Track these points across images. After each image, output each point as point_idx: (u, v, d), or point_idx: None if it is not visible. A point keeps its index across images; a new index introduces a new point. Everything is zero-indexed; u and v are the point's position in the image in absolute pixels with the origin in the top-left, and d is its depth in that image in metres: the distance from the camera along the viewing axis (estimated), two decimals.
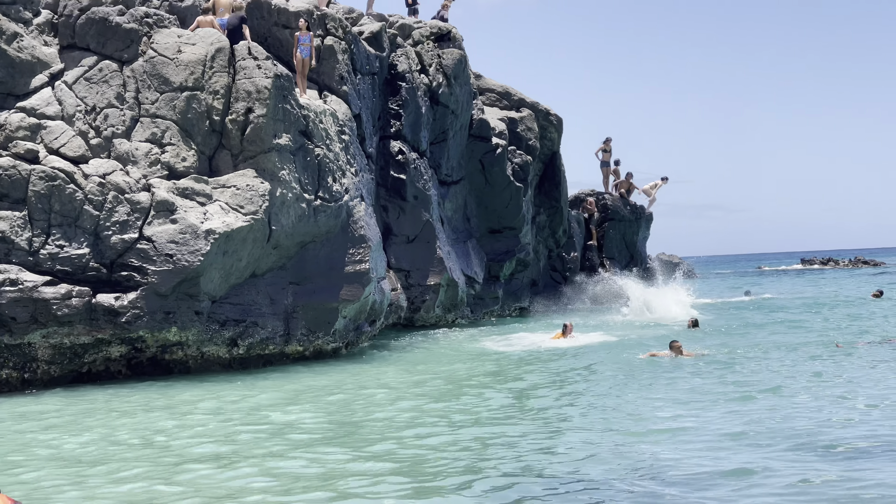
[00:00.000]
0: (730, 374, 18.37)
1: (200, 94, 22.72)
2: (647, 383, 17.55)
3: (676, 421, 13.72)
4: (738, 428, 12.98)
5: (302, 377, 20.46)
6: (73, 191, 21.03)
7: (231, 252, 21.79)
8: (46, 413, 16.80)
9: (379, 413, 15.30)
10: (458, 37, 32.10)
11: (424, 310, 28.21)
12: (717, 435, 12.58)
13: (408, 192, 28.30)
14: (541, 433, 13.32)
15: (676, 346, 21.23)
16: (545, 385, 18.13)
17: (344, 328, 24.25)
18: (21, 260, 20.61)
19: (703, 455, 11.47)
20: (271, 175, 22.66)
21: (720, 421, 13.59)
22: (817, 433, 12.43)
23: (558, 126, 36.89)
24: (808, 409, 14.33)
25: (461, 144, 31.85)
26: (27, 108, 21.96)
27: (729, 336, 25.84)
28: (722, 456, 11.39)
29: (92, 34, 23.01)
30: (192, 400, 17.67)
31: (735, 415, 14.03)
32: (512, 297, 34.10)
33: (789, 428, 12.84)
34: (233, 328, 22.30)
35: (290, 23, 26.19)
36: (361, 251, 24.46)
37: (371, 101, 28.04)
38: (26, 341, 20.46)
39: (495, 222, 32.93)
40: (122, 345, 21.22)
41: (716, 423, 13.39)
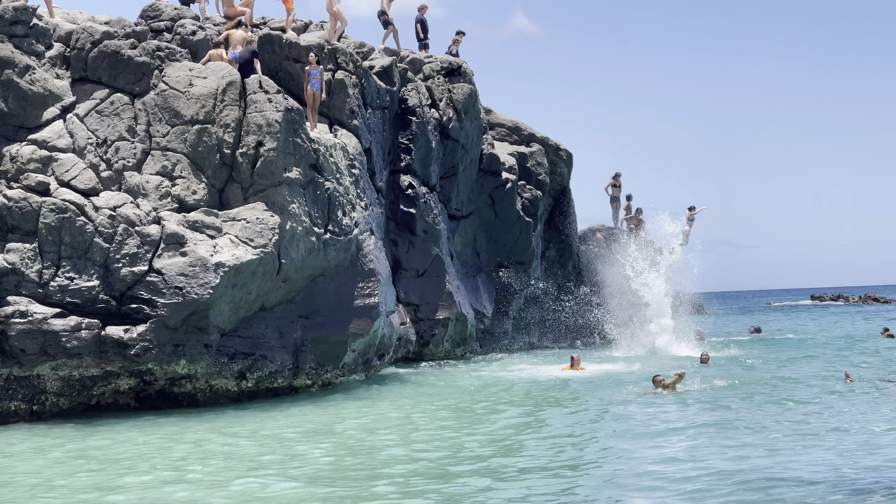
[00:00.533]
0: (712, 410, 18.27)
1: (211, 127, 22.78)
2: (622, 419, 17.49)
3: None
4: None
5: (311, 410, 20.38)
6: (83, 223, 21.06)
7: (240, 285, 21.78)
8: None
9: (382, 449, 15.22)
10: (469, 71, 32.18)
11: (433, 344, 28.15)
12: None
13: (417, 226, 28.30)
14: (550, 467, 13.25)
15: (659, 381, 21.08)
16: (536, 415, 18.06)
17: (353, 362, 24.20)
18: (31, 292, 20.61)
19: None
20: (281, 208, 22.68)
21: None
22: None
23: (568, 161, 36.91)
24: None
25: (471, 179, 31.87)
26: (39, 140, 22.03)
27: (731, 371, 25.70)
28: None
29: (104, 67, 23.11)
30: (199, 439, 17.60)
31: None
32: (521, 332, 34.02)
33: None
34: (242, 361, 22.26)
35: (302, 57, 26.28)
36: (371, 285, 24.44)
37: (381, 135, 28.10)
38: (35, 373, 20.43)
39: (505, 257, 32.90)
40: (130, 377, 21.18)
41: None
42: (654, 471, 12.78)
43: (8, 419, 20.14)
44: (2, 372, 20.25)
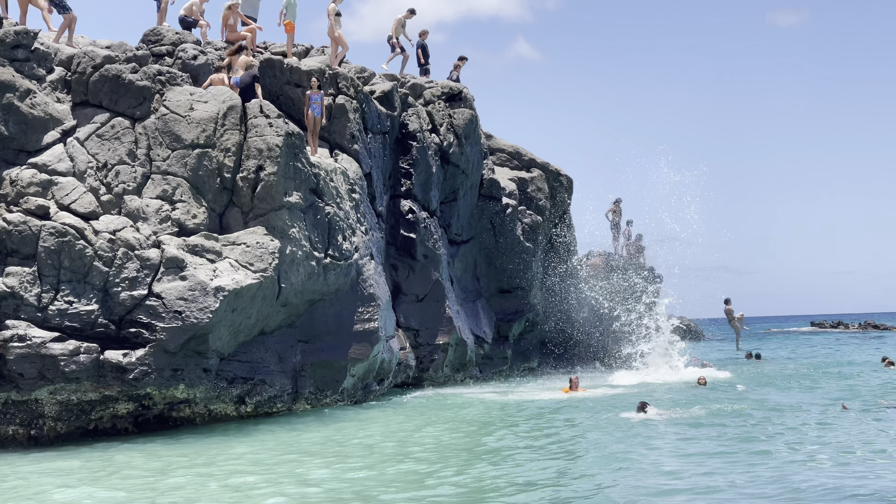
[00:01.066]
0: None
1: (212, 151, 22.78)
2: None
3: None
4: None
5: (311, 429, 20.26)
6: (83, 247, 21.01)
7: (240, 309, 21.72)
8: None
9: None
10: (470, 97, 32.20)
11: (433, 369, 28.06)
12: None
13: (417, 251, 28.26)
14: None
15: (641, 406, 21.00)
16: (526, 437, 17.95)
17: (352, 387, 24.13)
18: (29, 316, 20.54)
19: None
20: (281, 233, 22.66)
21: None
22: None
23: (568, 187, 36.88)
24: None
25: (471, 204, 31.85)
26: (39, 164, 22.01)
27: (727, 395, 25.60)
28: None
29: (105, 91, 23.12)
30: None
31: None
32: (521, 357, 33.92)
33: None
34: (241, 386, 22.19)
35: (302, 81, 26.31)
36: (370, 310, 24.39)
37: (382, 159, 28.09)
38: (33, 398, 20.34)
39: (505, 282, 32.84)
40: (129, 402, 21.09)
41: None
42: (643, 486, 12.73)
43: (6, 444, 20.04)
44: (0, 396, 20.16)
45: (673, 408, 21.84)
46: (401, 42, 32.58)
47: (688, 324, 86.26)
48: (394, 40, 32.55)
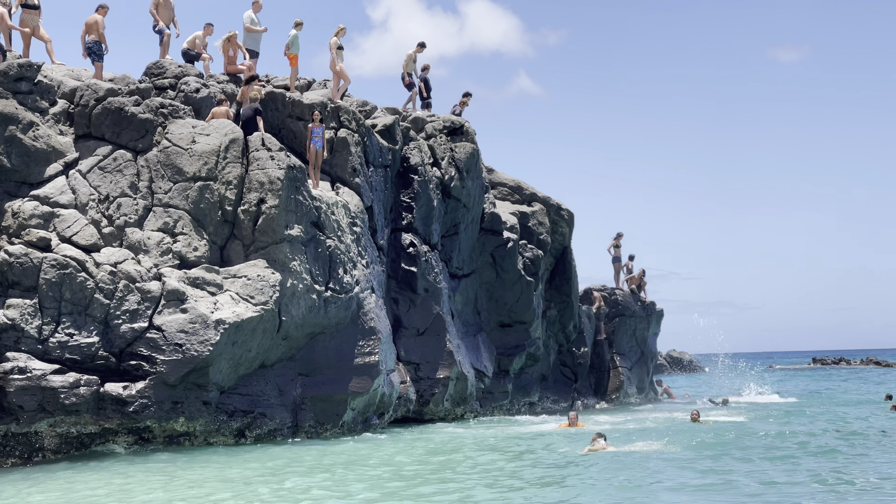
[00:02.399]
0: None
1: (213, 184, 22.82)
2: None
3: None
4: None
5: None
6: (84, 279, 21.03)
7: (241, 342, 21.71)
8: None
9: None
10: (471, 131, 32.27)
11: (433, 403, 27.98)
12: None
13: (418, 284, 28.25)
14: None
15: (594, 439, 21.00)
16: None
17: (352, 420, 24.07)
18: (30, 348, 20.53)
19: None
20: (282, 266, 22.68)
21: None
22: None
23: (570, 221, 36.90)
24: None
25: (472, 238, 31.86)
26: (41, 196, 22.05)
27: (719, 431, 25.47)
28: None
29: (107, 124, 23.20)
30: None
31: None
32: (521, 392, 33.82)
33: None
34: (241, 419, 22.14)
35: (304, 115, 26.39)
36: (371, 343, 24.37)
37: (383, 193, 28.13)
38: (33, 430, 20.29)
39: (506, 316, 32.78)
40: (128, 434, 21.04)
41: None
42: None
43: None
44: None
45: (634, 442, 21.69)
46: (411, 77, 32.70)
47: (690, 359, 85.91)
48: (408, 78, 32.67)
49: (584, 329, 37.68)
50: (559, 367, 36.93)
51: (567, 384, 36.86)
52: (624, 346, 40.12)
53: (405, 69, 32.70)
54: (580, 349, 37.30)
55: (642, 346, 41.14)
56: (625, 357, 39.88)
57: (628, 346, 40.38)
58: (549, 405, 35.42)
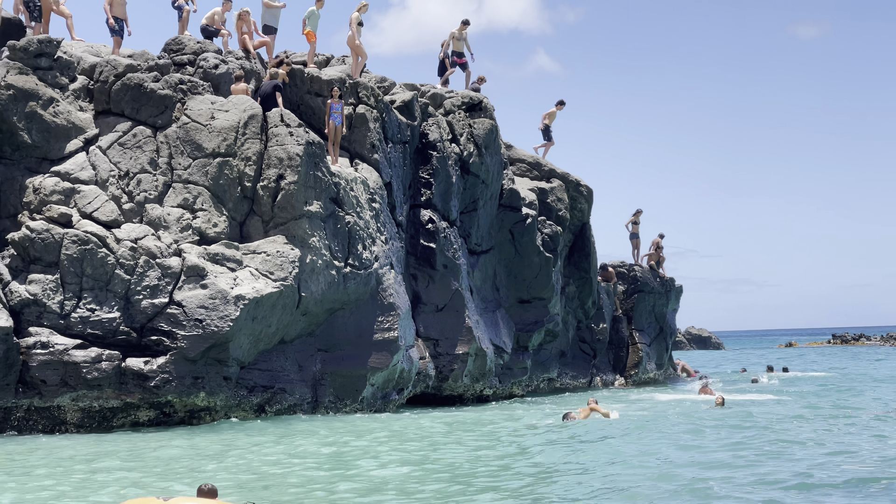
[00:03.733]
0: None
1: (233, 160, 22.87)
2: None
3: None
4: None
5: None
6: (104, 255, 21.13)
7: (260, 318, 21.79)
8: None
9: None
10: (490, 107, 32.18)
11: (452, 379, 28.01)
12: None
13: (437, 260, 28.24)
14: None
15: (571, 417, 20.82)
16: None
17: (372, 396, 24.15)
18: (52, 323, 20.67)
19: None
20: (301, 242, 22.72)
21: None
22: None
23: (588, 197, 36.80)
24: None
25: (491, 214, 31.82)
26: (61, 172, 22.14)
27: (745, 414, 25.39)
28: None
29: (127, 100, 23.24)
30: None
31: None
32: (540, 368, 33.82)
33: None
34: (261, 394, 22.25)
35: (323, 91, 26.37)
36: (390, 319, 24.42)
37: (402, 169, 28.11)
38: (56, 404, 20.46)
39: (524, 292, 32.75)
40: (150, 409, 21.18)
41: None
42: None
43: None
44: (22, 402, 20.29)
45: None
46: (458, 56, 32.81)
47: (709, 335, 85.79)
48: (453, 57, 32.81)
49: (602, 305, 37.65)
50: (578, 343, 36.93)
51: (586, 360, 36.87)
52: (643, 323, 40.04)
53: (448, 48, 32.83)
54: (599, 325, 37.28)
55: (661, 323, 41.06)
56: (643, 333, 39.81)
57: (647, 323, 40.30)
58: (567, 381, 35.45)
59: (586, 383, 36.14)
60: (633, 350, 39.25)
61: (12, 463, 16.24)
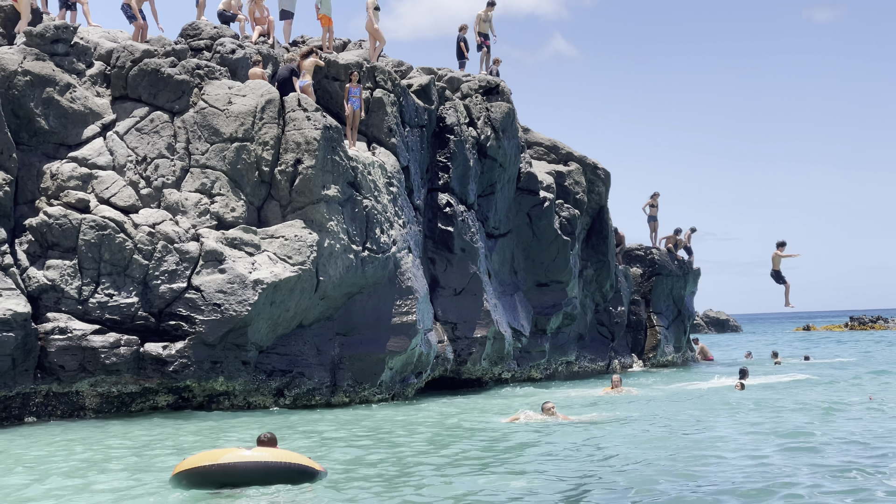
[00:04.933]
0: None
1: (250, 144, 22.84)
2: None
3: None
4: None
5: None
6: (122, 240, 21.14)
7: (279, 302, 21.78)
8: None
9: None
10: (507, 90, 32.10)
11: (471, 362, 28.00)
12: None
13: (455, 244, 28.21)
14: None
15: (548, 408, 20.02)
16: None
17: (390, 379, 24.14)
18: (70, 308, 20.71)
19: None
20: (319, 226, 22.69)
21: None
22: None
23: (606, 180, 36.70)
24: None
25: (509, 197, 31.75)
26: (79, 157, 22.16)
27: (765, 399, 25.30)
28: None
29: (144, 85, 23.23)
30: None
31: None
32: (558, 351, 33.78)
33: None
34: (279, 378, 22.26)
35: (340, 75, 26.31)
36: (409, 302, 24.39)
37: (419, 153, 28.06)
38: (74, 389, 20.52)
39: (542, 275, 32.70)
40: (168, 394, 21.22)
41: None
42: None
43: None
44: (41, 388, 20.34)
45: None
46: (482, 37, 33.02)
47: (727, 318, 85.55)
48: (479, 38, 33.06)
49: (620, 288, 37.59)
50: (596, 326, 36.88)
51: (604, 343, 36.82)
52: (661, 305, 39.98)
53: (477, 29, 32.99)
54: (617, 308, 37.23)
55: (679, 305, 40.98)
56: (661, 316, 39.75)
57: (665, 306, 40.23)
58: (585, 364, 35.41)
59: (604, 366, 36.07)
60: (651, 333, 39.21)
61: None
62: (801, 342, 66.18)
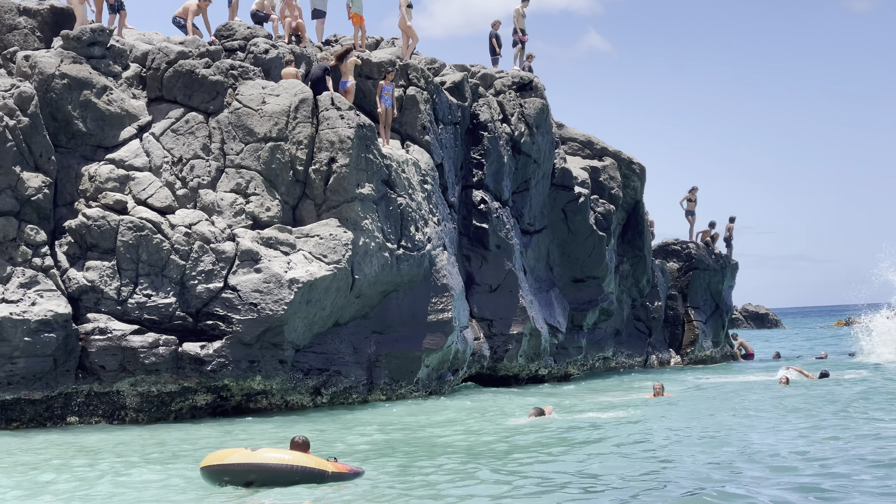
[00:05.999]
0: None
1: (284, 144, 22.96)
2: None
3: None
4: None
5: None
6: (160, 241, 21.32)
7: (314, 301, 21.90)
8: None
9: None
10: (540, 86, 32.08)
11: (507, 359, 28.03)
12: None
13: (490, 241, 28.24)
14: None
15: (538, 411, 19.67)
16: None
17: (427, 377, 24.22)
18: (110, 309, 20.92)
19: None
20: (354, 224, 22.78)
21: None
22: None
23: (641, 175, 36.62)
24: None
25: (543, 193, 31.75)
26: (116, 159, 22.35)
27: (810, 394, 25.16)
28: None
29: (179, 86, 23.40)
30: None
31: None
32: (595, 347, 33.77)
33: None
34: (316, 377, 22.38)
35: (373, 73, 26.40)
36: (444, 300, 24.45)
37: (453, 150, 28.10)
38: (115, 389, 20.73)
39: (578, 271, 32.68)
40: (207, 393, 21.38)
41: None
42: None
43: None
44: (82, 388, 20.57)
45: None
46: (518, 33, 33.20)
47: (766, 312, 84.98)
48: (516, 34, 33.24)
49: (657, 283, 37.50)
50: (633, 321, 36.83)
51: (641, 338, 36.76)
52: (698, 300, 39.83)
53: (516, 25, 33.16)
54: (654, 303, 37.15)
55: (717, 300, 40.80)
56: (699, 311, 39.61)
57: (703, 300, 40.08)
58: (623, 360, 35.39)
59: (642, 362, 36.04)
60: (689, 328, 39.09)
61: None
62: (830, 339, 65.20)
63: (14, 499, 12.76)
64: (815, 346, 54.19)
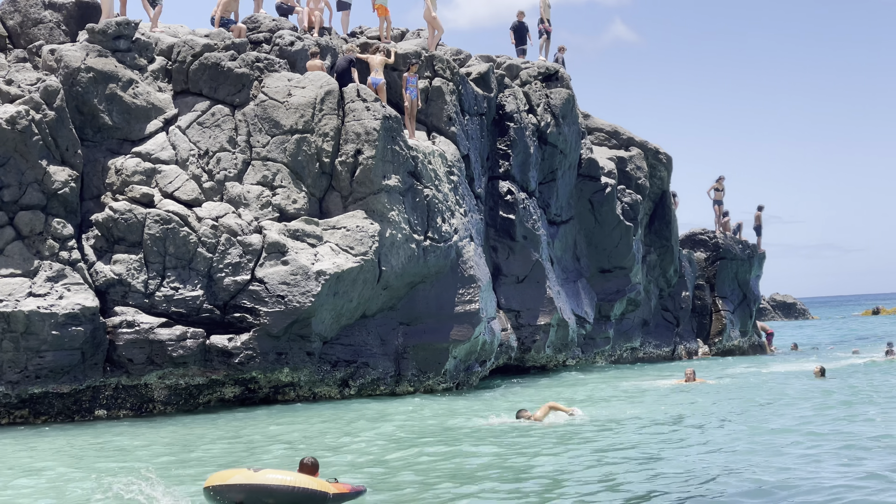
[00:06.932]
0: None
1: (310, 136, 22.92)
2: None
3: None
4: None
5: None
6: (186, 234, 21.32)
7: (342, 293, 21.86)
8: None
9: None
10: (566, 76, 31.96)
11: (535, 350, 27.95)
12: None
13: (517, 231, 28.15)
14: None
15: (525, 415, 19.18)
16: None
17: (454, 368, 24.15)
18: (137, 302, 20.93)
19: None
20: (381, 216, 22.73)
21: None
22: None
23: (668, 164, 36.43)
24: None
25: (570, 184, 31.63)
26: (142, 152, 22.36)
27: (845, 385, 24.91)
28: None
29: (204, 79, 23.38)
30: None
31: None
32: (623, 337, 33.65)
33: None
34: (344, 369, 22.36)
35: (398, 65, 26.32)
36: (471, 291, 24.37)
37: (479, 141, 28.01)
38: (143, 382, 20.75)
39: (605, 262, 32.57)
40: (235, 385, 21.39)
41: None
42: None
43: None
44: (111, 381, 20.60)
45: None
46: (544, 23, 33.09)
47: (794, 301, 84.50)
48: (541, 25, 33.18)
49: (685, 273, 37.30)
50: (660, 311, 36.64)
51: (669, 329, 36.58)
52: (726, 290, 39.61)
53: (543, 15, 33.06)
54: (681, 293, 36.96)
55: (744, 289, 40.55)
56: (727, 300, 39.38)
57: (730, 290, 39.85)
58: (650, 350, 35.23)
59: (669, 352, 35.87)
60: (717, 318, 38.87)
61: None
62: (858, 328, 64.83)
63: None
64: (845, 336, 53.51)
